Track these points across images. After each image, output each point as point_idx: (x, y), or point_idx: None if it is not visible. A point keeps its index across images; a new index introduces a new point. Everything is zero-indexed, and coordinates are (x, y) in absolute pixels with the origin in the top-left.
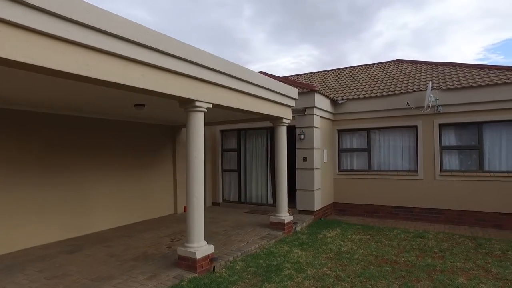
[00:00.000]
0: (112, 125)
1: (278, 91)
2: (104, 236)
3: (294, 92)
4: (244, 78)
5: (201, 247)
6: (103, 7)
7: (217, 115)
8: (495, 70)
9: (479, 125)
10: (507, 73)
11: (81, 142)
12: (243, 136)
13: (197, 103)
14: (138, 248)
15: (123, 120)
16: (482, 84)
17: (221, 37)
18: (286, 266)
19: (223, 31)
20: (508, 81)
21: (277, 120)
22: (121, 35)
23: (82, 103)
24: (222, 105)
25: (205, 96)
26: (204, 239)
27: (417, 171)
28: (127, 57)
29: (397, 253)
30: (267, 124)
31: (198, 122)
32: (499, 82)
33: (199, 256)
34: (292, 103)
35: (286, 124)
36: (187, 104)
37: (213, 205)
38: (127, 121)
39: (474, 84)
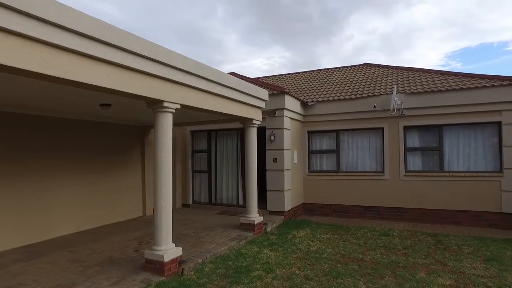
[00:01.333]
0: (76, 125)
1: (248, 93)
2: (68, 241)
3: (264, 93)
4: (213, 79)
5: (169, 250)
6: (68, 2)
7: (187, 116)
8: (454, 76)
9: (439, 127)
10: (463, 79)
11: (43, 142)
12: (213, 137)
13: (165, 104)
14: (104, 252)
15: (89, 120)
16: (442, 89)
17: (194, 37)
18: (255, 267)
19: (196, 31)
20: (464, 87)
21: (247, 121)
22: (84, 32)
23: (43, 102)
24: (191, 106)
25: (173, 97)
26: (173, 242)
27: (383, 171)
28: (91, 56)
29: (363, 251)
30: (238, 125)
31: (166, 123)
32: (456, 87)
33: (167, 259)
34: (262, 104)
35: (256, 126)
36: (155, 104)
37: (183, 207)
38: (93, 121)
39: (435, 89)
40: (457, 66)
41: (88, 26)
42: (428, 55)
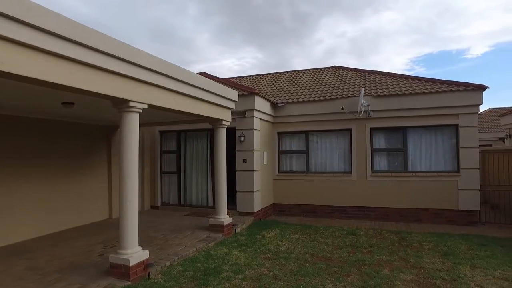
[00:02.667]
0: (38, 124)
1: (218, 93)
2: (25, 247)
3: (234, 94)
4: (182, 79)
5: (135, 253)
6: None
7: (156, 116)
8: (417, 81)
9: (404, 129)
10: (425, 84)
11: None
12: (183, 138)
13: (132, 104)
14: (65, 258)
15: (51, 119)
16: (406, 93)
17: (164, 35)
18: (224, 268)
19: (167, 29)
20: (426, 91)
21: (217, 122)
22: (42, 27)
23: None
24: (159, 106)
25: (140, 97)
26: (140, 245)
27: (351, 172)
28: (51, 52)
29: (331, 250)
30: (208, 125)
31: (132, 123)
32: (419, 92)
33: (132, 262)
34: (232, 105)
35: (226, 126)
36: (121, 104)
37: (151, 209)
38: (56, 120)
39: (400, 93)
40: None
41: (48, 21)
42: (395, 59)
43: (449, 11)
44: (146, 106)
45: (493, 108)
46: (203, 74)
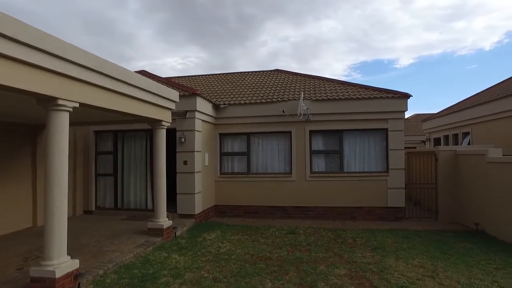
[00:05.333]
0: None
1: (158, 93)
2: None
3: (174, 94)
4: (119, 78)
5: (62, 264)
6: None
7: (90, 115)
8: (352, 87)
9: (340, 132)
10: (360, 90)
11: None
12: (120, 138)
13: (60, 102)
14: None
15: None
16: (342, 97)
17: (101, 28)
18: (163, 273)
19: (104, 22)
20: (360, 97)
21: (156, 122)
22: None
23: None
24: (92, 105)
25: (70, 94)
26: (69, 253)
27: (291, 173)
28: None
29: (271, 250)
30: (147, 126)
31: (61, 123)
32: (354, 97)
33: (59, 274)
34: (172, 105)
35: (166, 127)
36: (48, 102)
37: (84, 214)
38: None
39: (336, 97)
40: (357, 77)
41: None
42: (334, 65)
43: (381, 23)
44: (77, 105)
45: (417, 114)
46: (143, 72)
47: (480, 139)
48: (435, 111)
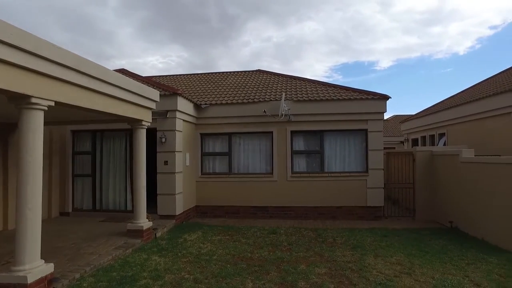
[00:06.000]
0: None
1: (138, 92)
2: None
3: (155, 94)
4: (97, 76)
5: (35, 268)
6: None
7: (67, 114)
8: (333, 88)
9: (321, 133)
10: (340, 91)
11: None
12: (99, 138)
13: (34, 100)
14: None
15: None
16: (324, 98)
17: (79, 25)
18: (142, 276)
19: (83, 18)
20: (340, 98)
21: (136, 122)
22: None
23: None
24: (69, 104)
25: (45, 92)
26: (43, 257)
27: (272, 173)
28: None
29: (252, 250)
30: (127, 125)
31: (35, 122)
32: (335, 98)
33: (31, 279)
34: (152, 105)
35: (146, 127)
36: (20, 100)
37: (61, 216)
38: None
39: (318, 98)
40: (338, 78)
41: None
42: (316, 66)
43: (362, 26)
44: (53, 104)
45: (396, 115)
46: (123, 71)
47: (455, 140)
48: (414, 112)
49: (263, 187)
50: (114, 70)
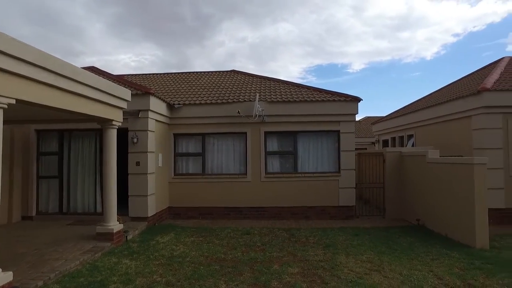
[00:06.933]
0: None
1: (108, 91)
2: None
3: (126, 93)
4: (63, 73)
5: None
6: None
7: (31, 112)
8: (307, 89)
9: (294, 134)
10: (314, 93)
11: None
12: (67, 138)
13: None
14: None
15: None
16: (297, 100)
17: (46, 19)
18: (112, 280)
19: (49, 12)
20: (314, 99)
21: (106, 122)
22: None
23: None
24: (32, 102)
25: (4, 90)
26: (1, 266)
27: (246, 173)
28: None
29: (225, 251)
30: (97, 125)
31: None
32: (308, 99)
33: None
34: (124, 104)
35: (117, 127)
36: None
37: (23, 220)
38: None
39: (291, 99)
40: (313, 80)
41: None
42: (290, 67)
43: (335, 29)
44: (13, 101)
45: (368, 117)
46: (93, 68)
47: (422, 141)
48: (385, 114)
49: (237, 187)
50: (84, 68)
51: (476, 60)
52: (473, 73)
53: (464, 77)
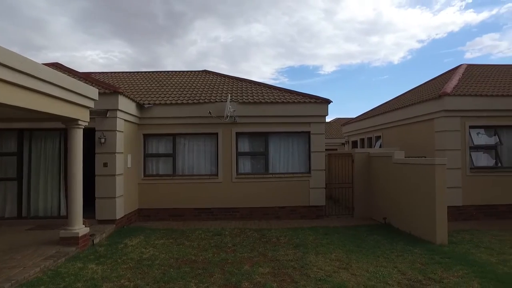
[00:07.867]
0: None
1: (72, 90)
2: None
3: (93, 92)
4: (22, 69)
5: None
6: None
7: None
8: (278, 91)
9: (265, 134)
10: (285, 94)
11: None
12: (27, 138)
13: None
14: None
15: None
16: (268, 101)
17: (2, 8)
18: (76, 286)
19: (7, 1)
20: (285, 101)
21: (71, 121)
22: None
23: None
24: None
25: None
26: None
27: (217, 174)
28: None
29: (196, 253)
30: (61, 125)
31: None
32: (279, 101)
33: None
34: (90, 104)
35: (83, 127)
36: None
37: None
38: None
39: (262, 101)
40: (285, 81)
41: None
42: (263, 68)
43: (307, 31)
44: None
45: (338, 118)
46: (56, 64)
47: (389, 142)
48: (355, 116)
49: (208, 188)
50: (47, 64)
51: (438, 65)
52: (435, 78)
53: (427, 81)
